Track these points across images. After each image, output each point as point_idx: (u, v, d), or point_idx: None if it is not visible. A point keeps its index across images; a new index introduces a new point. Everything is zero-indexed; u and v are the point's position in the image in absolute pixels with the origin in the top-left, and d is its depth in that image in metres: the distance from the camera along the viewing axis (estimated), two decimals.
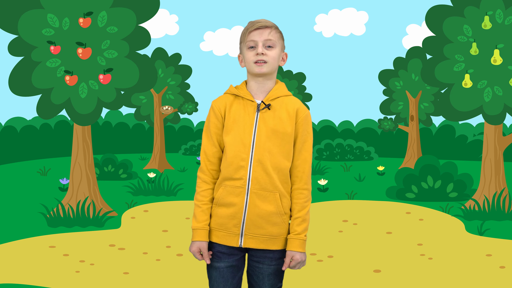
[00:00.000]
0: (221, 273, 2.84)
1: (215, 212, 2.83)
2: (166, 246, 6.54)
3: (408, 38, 25.95)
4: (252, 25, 2.80)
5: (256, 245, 2.80)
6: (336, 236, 7.10)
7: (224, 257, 2.83)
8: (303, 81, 20.29)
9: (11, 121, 19.94)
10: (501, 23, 8.40)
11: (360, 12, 29.86)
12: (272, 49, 2.81)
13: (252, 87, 2.85)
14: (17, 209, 9.01)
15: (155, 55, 15.80)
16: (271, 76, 2.85)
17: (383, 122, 17.71)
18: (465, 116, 8.66)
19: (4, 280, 5.17)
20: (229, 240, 2.80)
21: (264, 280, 2.86)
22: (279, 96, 2.84)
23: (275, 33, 2.82)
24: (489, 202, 8.56)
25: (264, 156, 2.76)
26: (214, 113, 2.85)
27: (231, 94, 2.88)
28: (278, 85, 2.87)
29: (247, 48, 2.81)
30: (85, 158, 8.33)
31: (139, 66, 7.84)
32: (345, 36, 29.80)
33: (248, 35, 2.81)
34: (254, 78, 2.83)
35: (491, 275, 5.40)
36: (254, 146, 2.77)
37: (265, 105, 2.81)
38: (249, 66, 2.82)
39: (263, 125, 2.79)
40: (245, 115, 2.81)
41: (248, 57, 2.80)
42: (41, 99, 7.74)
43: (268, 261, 2.85)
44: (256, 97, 2.84)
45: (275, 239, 2.82)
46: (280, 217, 2.80)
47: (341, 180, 13.38)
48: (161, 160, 15.75)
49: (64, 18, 7.70)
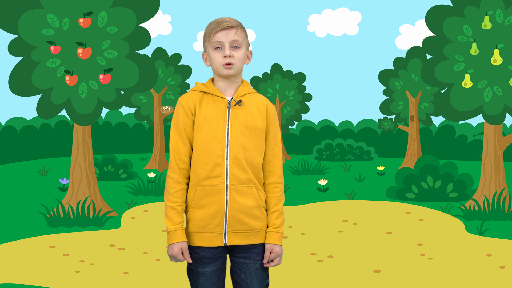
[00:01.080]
0: (208, 278, 2.82)
1: (193, 216, 2.78)
2: (166, 246, 6.54)
3: (401, 38, 26.00)
4: (218, 25, 2.76)
5: (240, 241, 2.79)
6: (336, 236, 7.10)
7: (209, 261, 2.80)
8: (303, 81, 20.30)
9: (11, 121, 19.95)
10: (501, 23, 8.40)
11: (353, 12, 29.92)
12: (239, 50, 2.79)
13: (220, 85, 2.84)
14: (17, 209, 9.01)
15: (155, 55, 15.80)
16: (239, 76, 2.85)
17: (383, 122, 17.73)
18: (465, 116, 8.66)
19: (4, 280, 5.17)
20: (213, 240, 2.77)
21: (252, 276, 2.84)
22: (247, 93, 2.85)
23: (241, 32, 2.80)
24: (489, 202, 8.56)
25: (239, 152, 2.75)
26: (183, 110, 2.80)
27: (199, 91, 2.84)
28: (244, 83, 2.88)
29: (213, 49, 2.78)
30: (85, 158, 8.33)
31: (139, 66, 7.84)
32: (338, 36, 29.87)
33: (214, 36, 2.77)
34: (222, 78, 2.83)
35: (491, 275, 5.40)
36: (228, 142, 2.76)
37: (236, 102, 2.80)
38: (216, 67, 2.79)
39: (235, 121, 2.78)
40: (217, 112, 2.78)
41: (215, 58, 2.78)
42: (41, 99, 7.74)
43: (254, 256, 2.83)
44: (225, 94, 2.83)
45: (257, 232, 2.82)
46: (259, 210, 2.81)
47: (341, 180, 13.38)
48: (161, 160, 15.75)
49: (64, 18, 7.70)
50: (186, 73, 16.28)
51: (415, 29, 25.64)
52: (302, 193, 10.92)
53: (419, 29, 25.58)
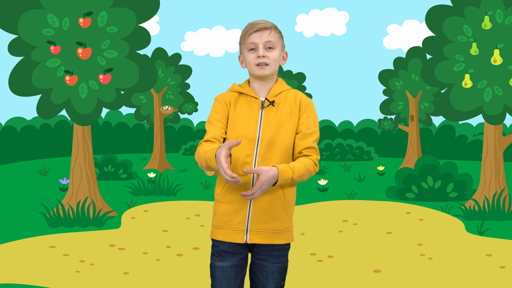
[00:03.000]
0: (225, 273, 2.84)
1: (218, 210, 2.83)
2: (166, 246, 6.54)
3: (389, 38, 26.03)
4: (252, 27, 2.82)
5: (261, 241, 2.80)
6: (336, 236, 7.10)
7: (228, 256, 2.83)
8: (303, 81, 20.30)
9: (11, 121, 19.95)
10: (501, 23, 8.40)
11: (341, 12, 29.94)
12: (273, 50, 2.83)
13: (255, 86, 2.88)
14: (17, 209, 9.01)
15: (155, 55, 15.80)
16: (273, 76, 2.89)
17: (383, 122, 17.71)
18: (465, 116, 8.66)
19: (4, 280, 5.17)
20: (234, 237, 2.80)
21: (268, 278, 2.88)
22: (280, 92, 2.87)
23: (275, 33, 2.84)
24: (489, 202, 8.56)
25: (268, 153, 2.78)
26: (219, 104, 2.86)
27: (235, 91, 2.90)
28: (278, 82, 2.91)
29: (247, 50, 2.84)
30: (85, 158, 8.33)
31: (139, 66, 7.84)
32: (326, 36, 29.89)
33: (248, 37, 2.82)
34: (257, 79, 2.87)
35: (491, 275, 5.40)
36: (259, 142, 2.79)
37: (269, 102, 2.83)
38: (250, 68, 2.84)
39: (267, 122, 2.81)
40: (249, 112, 2.82)
41: (249, 59, 2.83)
42: (41, 99, 7.74)
43: (272, 258, 2.86)
44: (259, 95, 2.87)
45: (280, 233, 2.83)
46: (284, 210, 2.82)
47: (341, 180, 13.38)
48: (161, 160, 15.75)
49: (64, 18, 7.70)
50: (186, 73, 16.28)
51: (402, 29, 25.71)
52: (302, 193, 10.92)
53: (407, 29, 25.65)
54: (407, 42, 25.39)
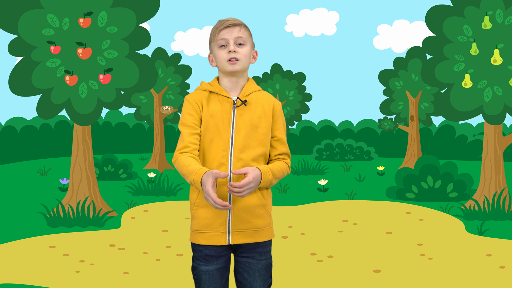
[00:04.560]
0: (211, 276, 2.84)
1: (197, 214, 2.81)
2: (166, 246, 6.54)
3: (379, 38, 26.03)
4: (222, 23, 2.81)
5: (244, 240, 2.80)
6: (336, 236, 7.10)
7: (213, 259, 2.83)
8: (303, 81, 20.30)
9: (11, 121, 19.95)
10: (501, 23, 8.40)
11: (331, 12, 29.93)
12: (243, 47, 2.82)
13: (226, 84, 2.86)
14: (17, 209, 9.01)
15: (155, 55, 15.80)
16: (244, 73, 2.87)
17: (383, 122, 17.72)
18: (465, 116, 8.66)
19: (4, 280, 5.17)
20: (216, 239, 2.79)
21: (255, 276, 2.87)
22: (252, 92, 2.87)
23: (245, 30, 2.84)
24: (489, 202, 8.56)
25: (243, 152, 2.78)
26: (191, 105, 2.82)
27: (205, 90, 2.87)
28: (250, 81, 2.90)
29: (218, 47, 2.82)
30: (85, 158, 8.33)
31: (139, 66, 7.84)
32: (316, 36, 29.89)
33: (218, 34, 2.81)
34: (227, 76, 2.84)
35: (491, 275, 5.40)
36: (233, 142, 2.78)
37: (241, 102, 2.82)
38: (221, 65, 2.82)
39: (240, 121, 2.80)
40: (222, 111, 2.81)
41: (220, 55, 2.81)
42: (41, 99, 7.74)
43: (257, 255, 2.86)
44: (230, 93, 2.86)
45: (261, 230, 2.84)
46: (263, 208, 2.83)
47: (341, 180, 13.38)
48: (161, 160, 15.75)
49: (64, 18, 7.70)
50: (186, 73, 16.28)
51: (392, 29, 25.73)
52: (302, 193, 10.92)
53: (397, 29, 25.67)
54: (397, 42, 25.45)
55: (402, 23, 25.64)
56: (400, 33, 25.94)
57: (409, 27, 25.42)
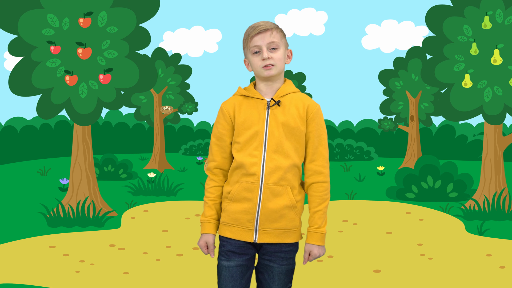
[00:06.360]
0: (231, 272, 2.85)
1: (228, 208, 2.85)
2: (166, 246, 6.54)
3: (368, 38, 26.03)
4: (253, 29, 2.82)
5: (270, 240, 2.81)
6: (336, 236, 7.10)
7: (234, 256, 2.84)
8: (303, 81, 20.29)
9: (11, 121, 19.95)
10: (501, 23, 8.40)
11: (319, 12, 29.93)
12: (277, 51, 2.83)
13: (261, 88, 2.88)
14: (17, 209, 9.01)
15: (155, 55, 15.80)
16: (280, 76, 2.89)
17: (383, 122, 17.71)
18: (465, 116, 8.66)
19: (4, 280, 5.17)
20: (243, 235, 2.82)
21: (275, 279, 2.88)
22: (288, 93, 2.87)
23: (277, 33, 2.84)
24: (489, 202, 8.56)
25: (276, 152, 2.79)
26: (223, 115, 2.89)
27: (240, 95, 2.91)
28: (286, 83, 2.91)
29: (252, 54, 2.84)
30: (85, 158, 8.33)
31: (139, 66, 7.84)
32: (304, 36, 29.90)
33: (250, 41, 2.83)
34: (263, 81, 2.87)
35: (491, 275, 5.40)
36: (266, 142, 2.80)
37: (274, 102, 2.83)
38: (257, 71, 2.85)
39: (274, 121, 2.82)
40: (256, 113, 2.84)
41: (254, 62, 2.83)
42: (41, 99, 7.74)
43: (279, 260, 2.86)
44: (265, 96, 2.88)
45: (289, 232, 2.84)
46: (293, 210, 2.83)
47: (341, 180, 13.38)
48: (161, 160, 15.75)
49: (64, 18, 7.70)
50: (186, 73, 16.28)
51: (381, 29, 25.74)
52: None
53: (385, 29, 25.68)
54: (386, 42, 25.47)
55: (391, 23, 25.65)
56: (388, 33, 25.97)
57: (398, 27, 25.43)
